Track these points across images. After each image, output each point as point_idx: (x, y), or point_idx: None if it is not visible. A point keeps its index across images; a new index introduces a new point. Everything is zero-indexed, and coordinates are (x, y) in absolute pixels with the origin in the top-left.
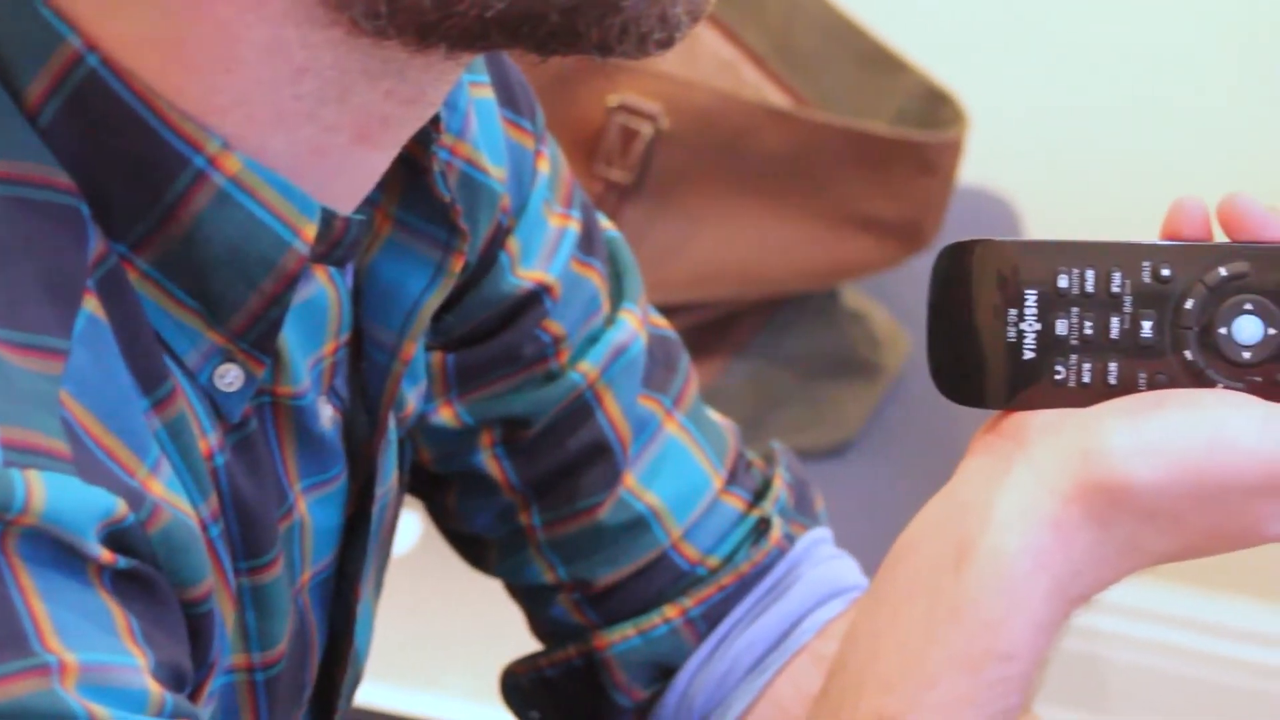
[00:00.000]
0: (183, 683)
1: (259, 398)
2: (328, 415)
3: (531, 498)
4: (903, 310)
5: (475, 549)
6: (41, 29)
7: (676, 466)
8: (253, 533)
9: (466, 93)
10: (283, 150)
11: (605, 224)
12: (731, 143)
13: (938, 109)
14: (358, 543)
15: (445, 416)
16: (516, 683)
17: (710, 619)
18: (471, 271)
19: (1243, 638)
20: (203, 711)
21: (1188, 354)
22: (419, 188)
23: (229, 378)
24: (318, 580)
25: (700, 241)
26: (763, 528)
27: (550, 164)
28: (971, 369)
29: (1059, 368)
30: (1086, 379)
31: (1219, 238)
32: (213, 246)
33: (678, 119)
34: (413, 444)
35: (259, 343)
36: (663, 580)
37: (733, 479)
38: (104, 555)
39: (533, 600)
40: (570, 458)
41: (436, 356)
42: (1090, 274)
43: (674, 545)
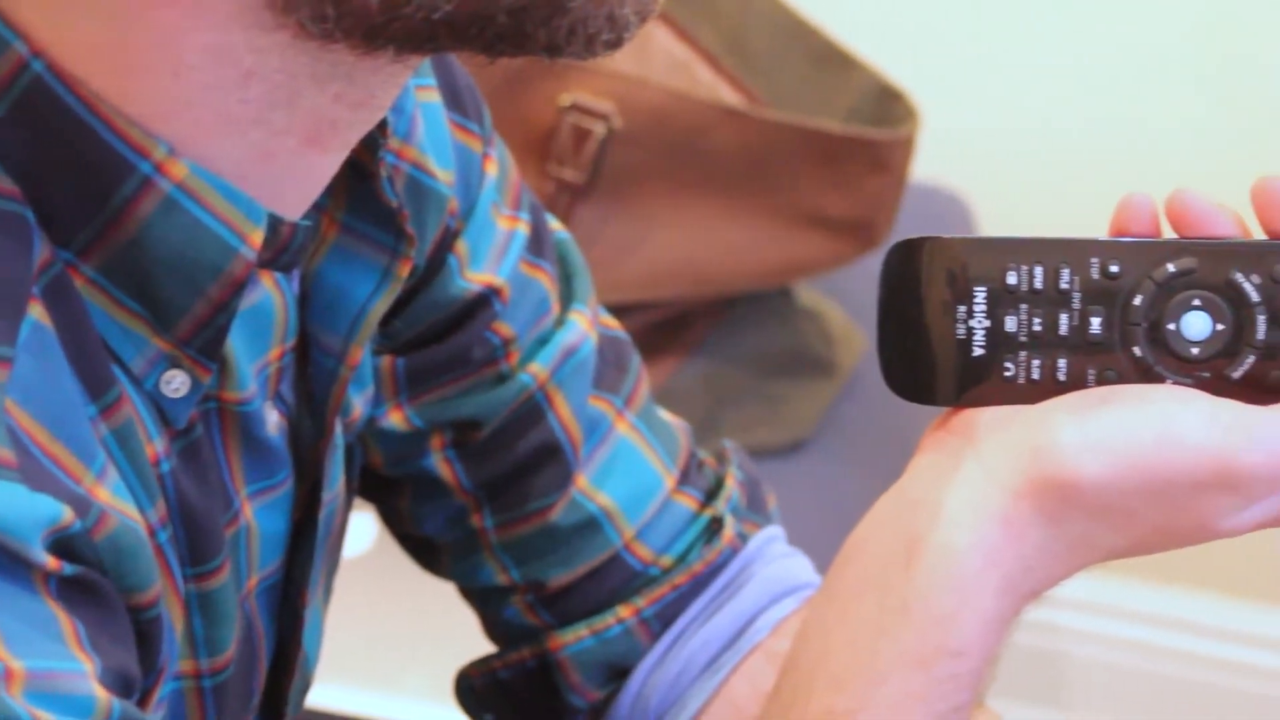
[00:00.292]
0: (131, 688)
1: (205, 403)
2: (274, 421)
3: (483, 500)
4: (857, 308)
5: (428, 552)
6: None
7: (628, 467)
8: (199, 538)
9: (412, 96)
10: (230, 155)
11: (554, 225)
12: (684, 142)
13: (890, 107)
14: (305, 548)
15: (395, 420)
16: (471, 685)
17: (664, 618)
18: (419, 275)
19: (1202, 632)
20: (152, 717)
21: (1136, 350)
22: (366, 192)
23: (175, 384)
24: (265, 586)
25: (654, 240)
26: (715, 527)
27: (498, 166)
28: (921, 366)
29: (1008, 364)
30: (1036, 375)
31: (1167, 234)
32: (159, 253)
33: (630, 118)
34: (362, 449)
35: (205, 349)
36: (616, 580)
37: (685, 479)
38: (50, 562)
39: (486, 602)
40: (521, 459)
41: (386, 360)
42: (1039, 271)
43: (626, 545)
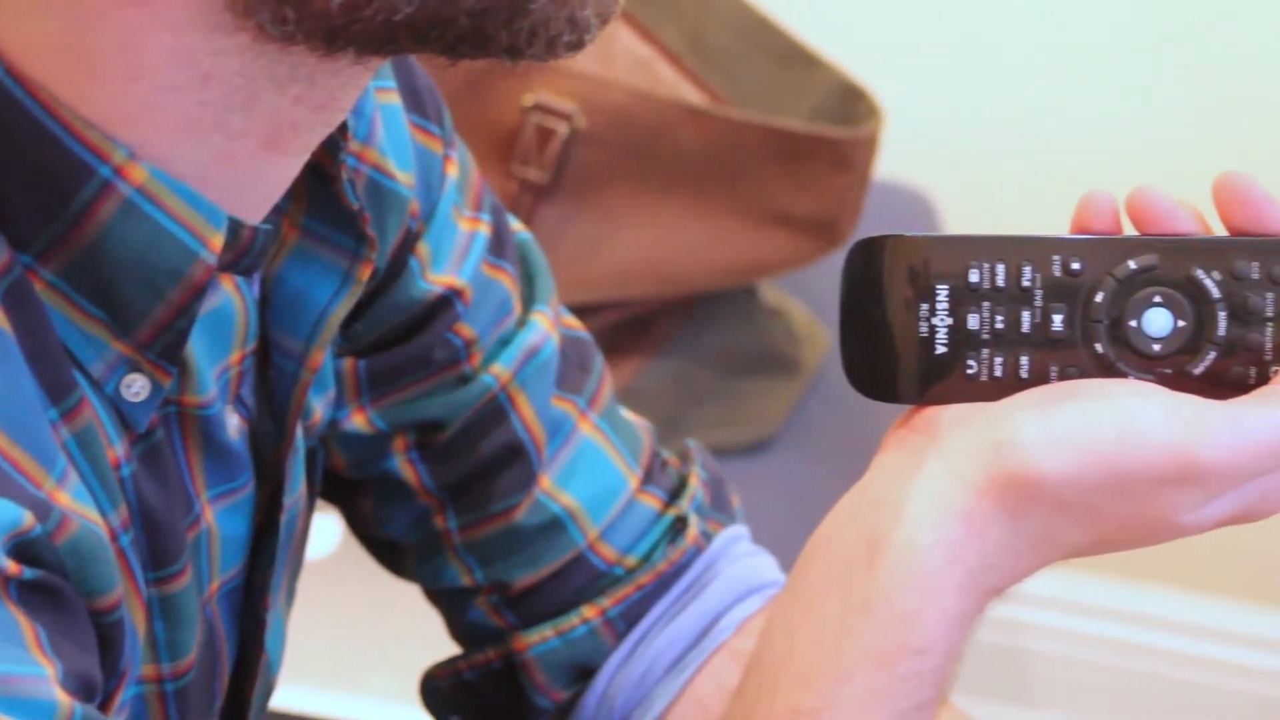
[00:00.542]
0: (92, 692)
1: (165, 407)
2: (234, 425)
3: (447, 501)
4: (821, 306)
5: (392, 554)
6: None
7: (592, 467)
8: (160, 542)
9: (372, 98)
10: (190, 158)
11: (516, 226)
12: (648, 141)
13: (853, 105)
14: (266, 552)
15: (358, 422)
16: (436, 686)
17: (629, 618)
18: (381, 277)
19: (1165, 628)
20: None
21: (1098, 347)
22: (326, 196)
23: (135, 388)
24: (226, 590)
25: (618, 240)
26: (679, 526)
27: (459, 168)
28: (884, 364)
29: (971, 362)
30: (998, 373)
31: (1128, 231)
32: (119, 257)
33: (594, 118)
34: (325, 452)
35: (166, 353)
36: (580, 581)
37: (648, 478)
38: (10, 567)
39: (451, 604)
40: (485, 460)
41: (348, 362)
42: (1001, 268)
43: (591, 546)
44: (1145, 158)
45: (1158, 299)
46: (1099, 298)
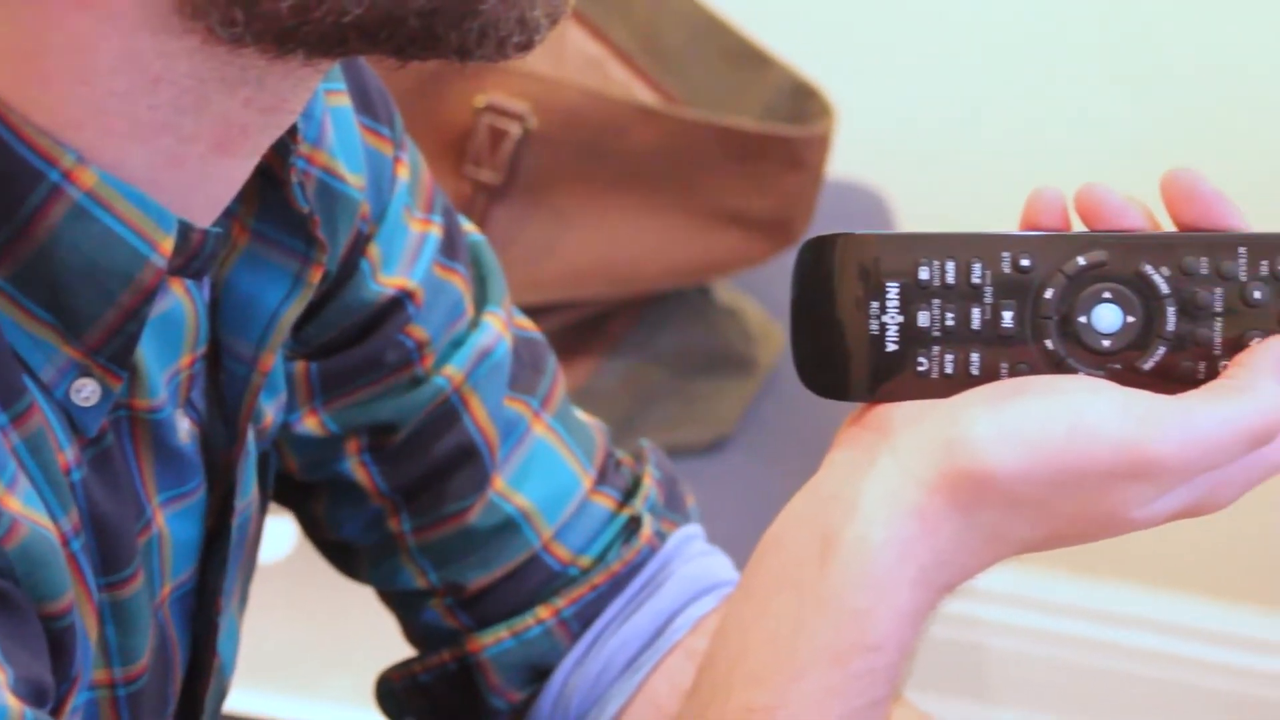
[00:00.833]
0: (44, 698)
1: (116, 412)
2: (185, 428)
3: (400, 503)
4: (775, 305)
5: (346, 557)
6: None
7: (545, 468)
8: (111, 547)
9: (322, 101)
10: (140, 162)
11: (468, 227)
12: (600, 141)
13: (805, 103)
14: (218, 556)
15: (310, 425)
16: (391, 689)
17: (583, 618)
18: (332, 280)
19: (1120, 623)
20: None
21: (1049, 343)
22: (276, 199)
23: (85, 392)
24: (178, 594)
25: (571, 240)
26: (633, 526)
27: (410, 170)
28: (835, 362)
29: (922, 359)
30: (949, 370)
31: (1077, 227)
32: (69, 261)
33: (546, 118)
34: (278, 455)
35: (116, 357)
36: (535, 581)
37: (602, 478)
38: None
39: (405, 606)
40: (438, 462)
41: (300, 365)
42: (950, 265)
43: (545, 546)
44: (1094, 154)
45: (1107, 295)
46: (1049, 294)
